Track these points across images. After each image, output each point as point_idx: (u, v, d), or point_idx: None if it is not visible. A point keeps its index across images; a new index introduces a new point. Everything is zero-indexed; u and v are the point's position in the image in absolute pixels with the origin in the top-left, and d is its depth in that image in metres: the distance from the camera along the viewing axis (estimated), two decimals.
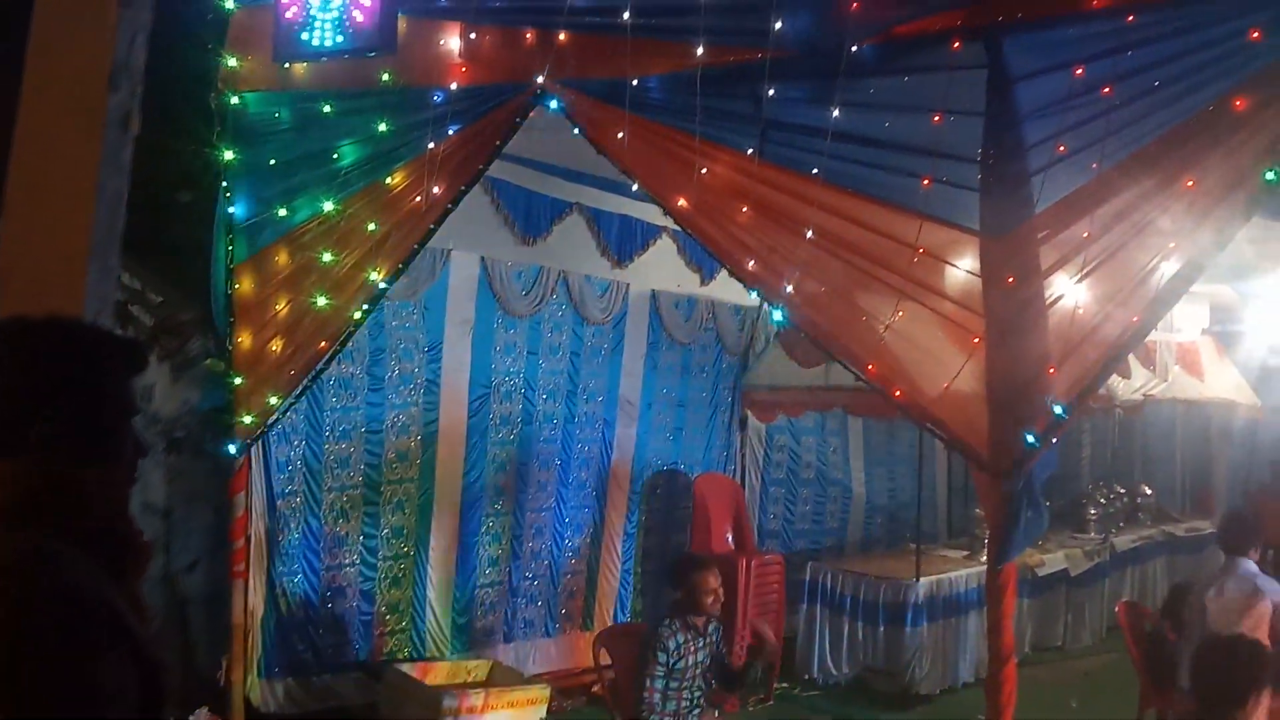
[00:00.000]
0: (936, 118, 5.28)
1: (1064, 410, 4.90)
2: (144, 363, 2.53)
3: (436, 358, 8.90)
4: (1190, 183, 4.66)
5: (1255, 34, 4.48)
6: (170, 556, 7.85)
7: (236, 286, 7.16)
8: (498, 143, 6.44)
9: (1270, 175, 4.42)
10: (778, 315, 5.72)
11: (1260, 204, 4.64)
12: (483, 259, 9.02)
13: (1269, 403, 11.95)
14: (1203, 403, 12.52)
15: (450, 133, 6.45)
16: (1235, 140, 4.61)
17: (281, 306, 7.05)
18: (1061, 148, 4.96)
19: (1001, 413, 5.05)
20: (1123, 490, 13.12)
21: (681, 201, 5.82)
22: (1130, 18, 4.74)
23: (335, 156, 6.85)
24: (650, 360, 10.70)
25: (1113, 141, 4.85)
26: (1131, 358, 10.72)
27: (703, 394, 11.35)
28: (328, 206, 6.85)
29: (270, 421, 7.13)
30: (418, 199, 6.59)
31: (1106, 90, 4.81)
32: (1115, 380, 10.85)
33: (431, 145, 6.45)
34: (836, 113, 5.38)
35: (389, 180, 6.73)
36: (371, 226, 6.74)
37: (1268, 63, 4.50)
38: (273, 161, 7.04)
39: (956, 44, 5.18)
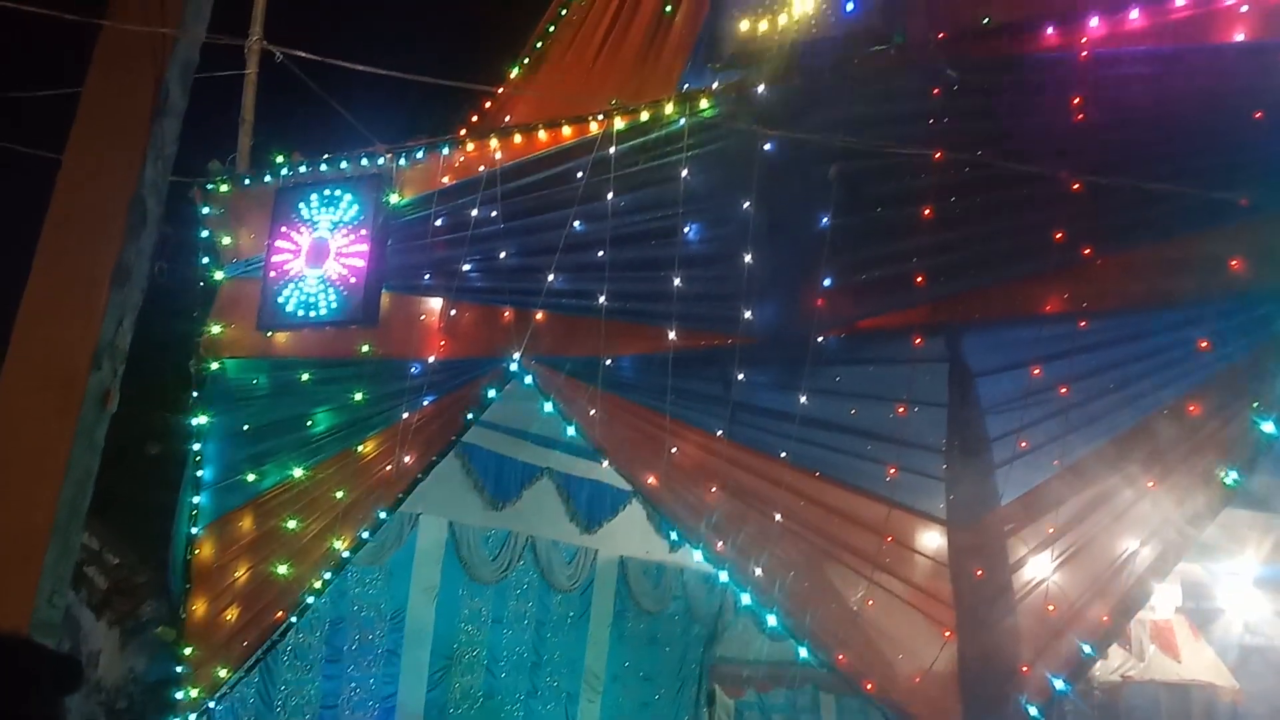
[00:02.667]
0: (901, 408, 5.43)
1: (1039, 712, 4.76)
2: (78, 683, 2.44)
3: (399, 627, 8.63)
4: (1151, 484, 4.74)
5: (1203, 344, 4.69)
6: None
7: (196, 552, 7.01)
8: (471, 414, 6.53)
9: (1230, 481, 4.50)
10: (746, 599, 5.62)
11: (1225, 503, 4.69)
12: (451, 524, 8.93)
13: (1248, 687, 11.64)
14: (1183, 685, 12.18)
15: (425, 404, 6.54)
16: (1193, 444, 4.72)
17: (241, 574, 6.88)
18: (1023, 443, 5.06)
19: (975, 711, 4.90)
20: None
21: (651, 479, 5.86)
22: (1082, 323, 4.97)
23: (309, 423, 6.89)
24: (616, 630, 10.42)
25: (1073, 439, 4.97)
26: None
27: (670, 666, 11.00)
28: (297, 473, 6.83)
29: (218, 695, 6.79)
30: (388, 468, 6.60)
31: (1063, 390, 4.97)
32: None
33: (406, 415, 6.53)
34: (804, 399, 5.52)
35: (361, 448, 6.75)
36: (339, 494, 6.70)
37: (1217, 371, 4.68)
38: (246, 426, 7.07)
39: (918, 339, 5.40)
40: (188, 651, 6.80)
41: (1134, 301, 4.90)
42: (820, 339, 5.50)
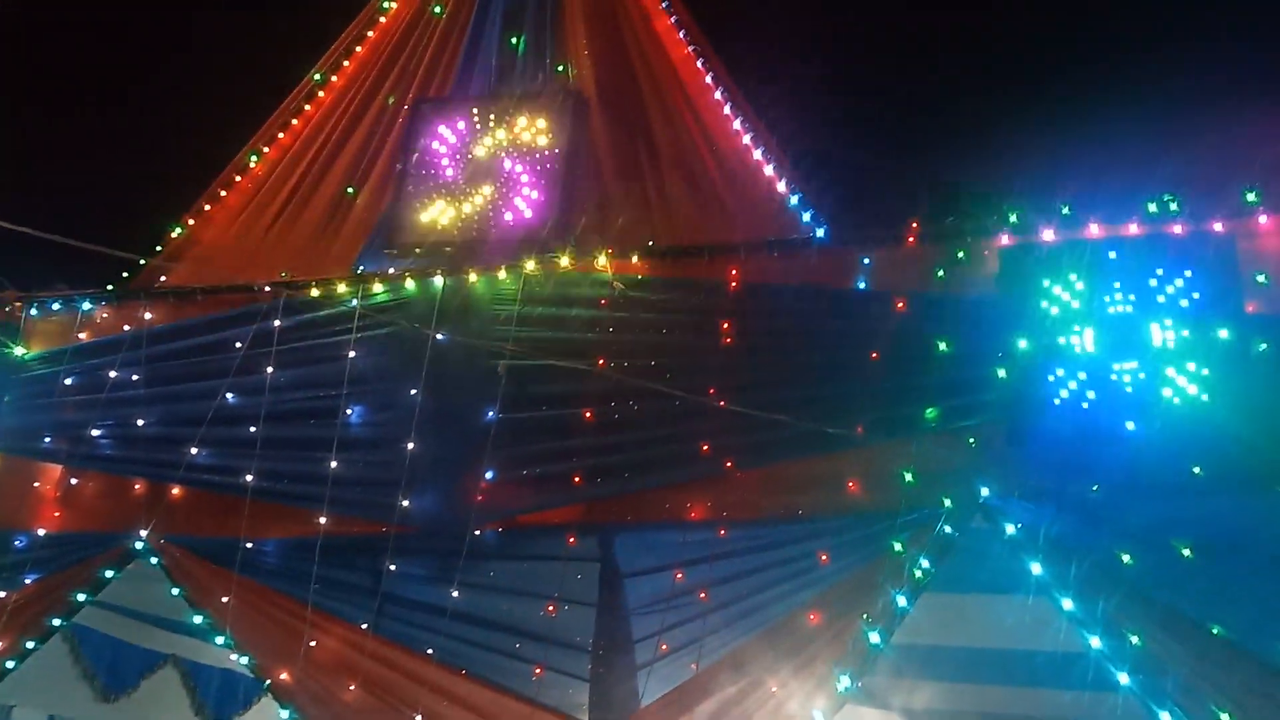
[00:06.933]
0: (551, 606, 5.50)
1: None
2: None
3: None
4: (775, 688, 5.00)
5: (823, 556, 5.11)
6: None
7: None
8: (82, 596, 5.91)
9: (842, 687, 4.84)
10: None
11: (841, 705, 5.01)
12: (52, 718, 7.80)
13: None
14: None
15: (26, 581, 5.85)
16: (813, 649, 5.05)
17: None
18: (664, 646, 5.25)
19: None
20: None
21: (284, 675, 5.49)
22: (722, 531, 5.30)
23: None
24: None
25: (710, 642, 5.21)
26: None
27: None
28: None
29: None
30: None
31: (703, 595, 5.23)
32: None
33: (2, 594, 5.78)
34: (456, 593, 5.46)
35: None
36: None
37: (835, 583, 5.09)
38: None
39: (572, 538, 5.54)
40: None
41: (767, 513, 5.28)
42: (478, 532, 5.49)
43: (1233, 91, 5.93)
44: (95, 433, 5.99)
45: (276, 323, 5.84)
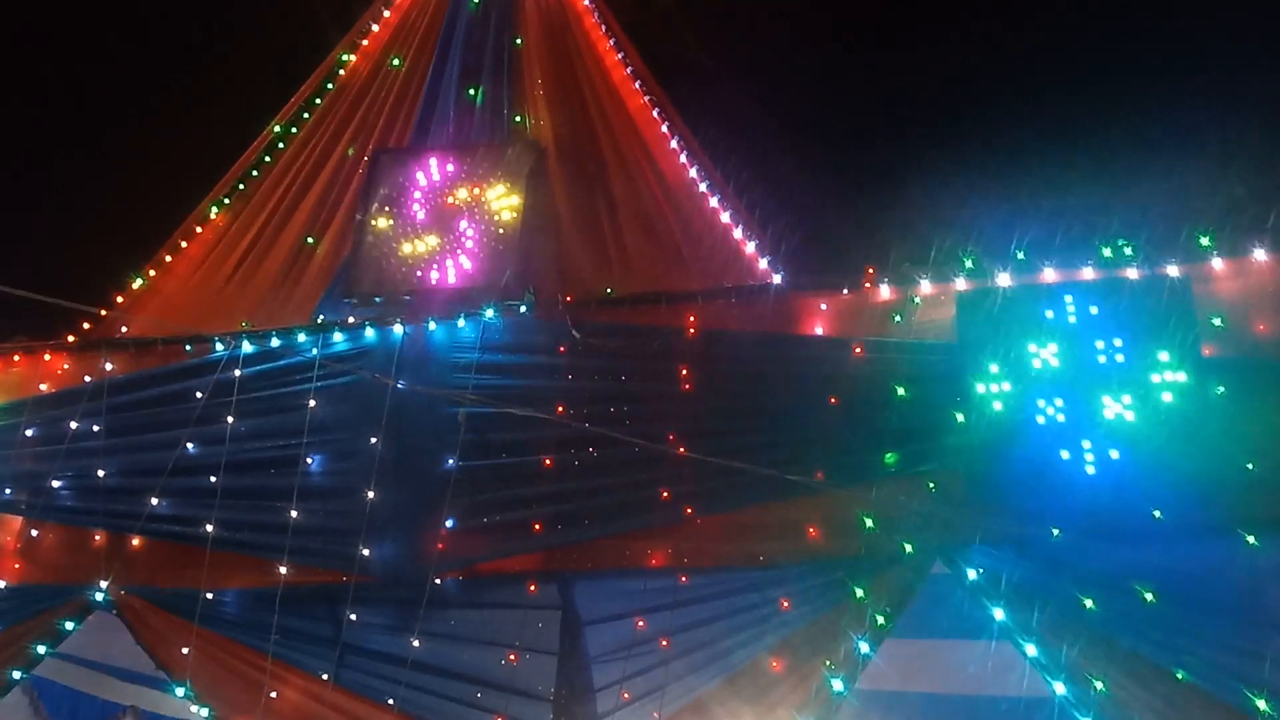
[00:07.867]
0: (513, 655, 5.47)
1: None
2: None
3: None
4: None
5: (785, 603, 5.09)
6: None
7: None
8: (43, 648, 5.86)
9: None
10: None
11: None
12: None
13: None
14: None
15: None
16: (776, 696, 5.03)
17: None
18: (626, 694, 5.21)
19: None
20: None
21: None
22: (683, 578, 5.28)
23: None
24: None
25: (671, 690, 5.16)
26: None
27: None
28: None
29: None
30: None
31: (664, 642, 5.20)
32: None
33: None
34: (417, 642, 5.42)
35: None
36: None
37: (796, 629, 5.07)
38: None
39: (533, 586, 5.52)
40: None
41: (727, 560, 5.26)
42: (439, 580, 5.47)
43: (1186, 137, 6.00)
44: (56, 484, 5.96)
45: (237, 372, 5.82)
